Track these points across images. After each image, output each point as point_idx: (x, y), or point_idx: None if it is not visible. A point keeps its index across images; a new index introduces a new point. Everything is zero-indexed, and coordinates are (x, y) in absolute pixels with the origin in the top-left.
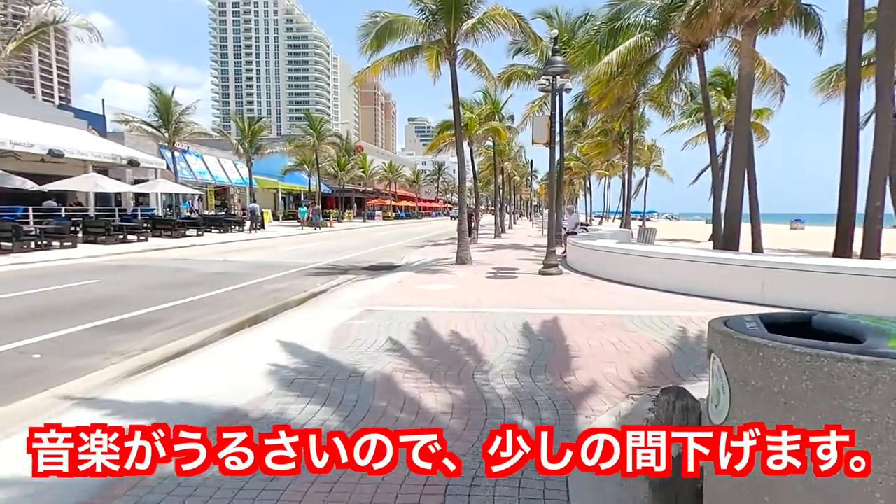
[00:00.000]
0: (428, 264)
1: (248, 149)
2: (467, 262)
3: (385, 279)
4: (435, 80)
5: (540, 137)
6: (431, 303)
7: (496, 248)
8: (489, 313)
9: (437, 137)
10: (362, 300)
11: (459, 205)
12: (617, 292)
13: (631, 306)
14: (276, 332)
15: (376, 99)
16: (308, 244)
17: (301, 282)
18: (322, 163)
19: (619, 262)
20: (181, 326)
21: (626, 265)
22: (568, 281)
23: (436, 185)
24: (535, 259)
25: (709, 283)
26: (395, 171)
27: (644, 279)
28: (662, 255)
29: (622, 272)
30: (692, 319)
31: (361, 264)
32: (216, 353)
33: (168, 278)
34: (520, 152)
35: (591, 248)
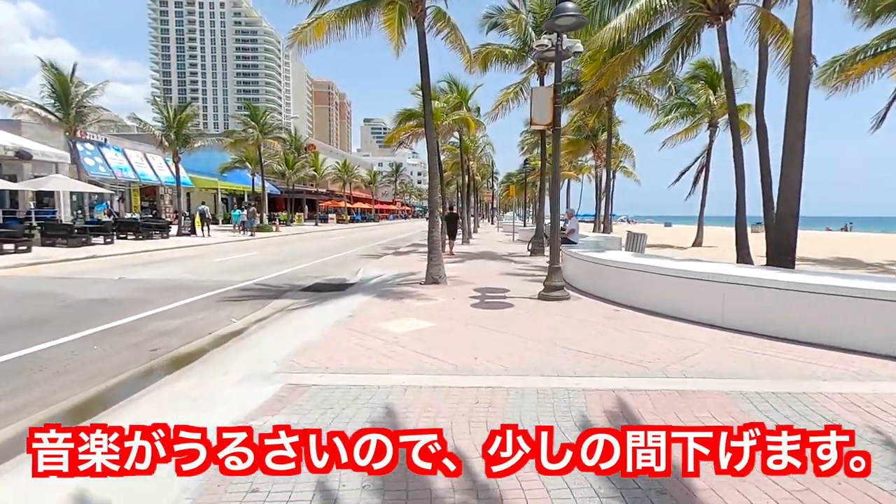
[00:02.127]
0: (390, 283)
1: (174, 141)
2: (440, 281)
3: (331, 310)
4: (398, 51)
5: (541, 117)
6: (399, 361)
7: (467, 257)
8: (501, 392)
9: (397, 128)
10: (289, 357)
11: (430, 205)
12: (668, 333)
13: (720, 368)
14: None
15: (331, 98)
16: (244, 253)
17: (210, 315)
18: (268, 160)
19: (651, 284)
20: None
21: (661, 289)
22: (584, 311)
23: (393, 187)
24: (520, 273)
25: (807, 322)
26: (349, 171)
27: (691, 310)
28: (726, 278)
29: (653, 298)
30: (857, 402)
31: (304, 282)
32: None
33: (7, 311)
34: (485, 150)
35: (605, 265)
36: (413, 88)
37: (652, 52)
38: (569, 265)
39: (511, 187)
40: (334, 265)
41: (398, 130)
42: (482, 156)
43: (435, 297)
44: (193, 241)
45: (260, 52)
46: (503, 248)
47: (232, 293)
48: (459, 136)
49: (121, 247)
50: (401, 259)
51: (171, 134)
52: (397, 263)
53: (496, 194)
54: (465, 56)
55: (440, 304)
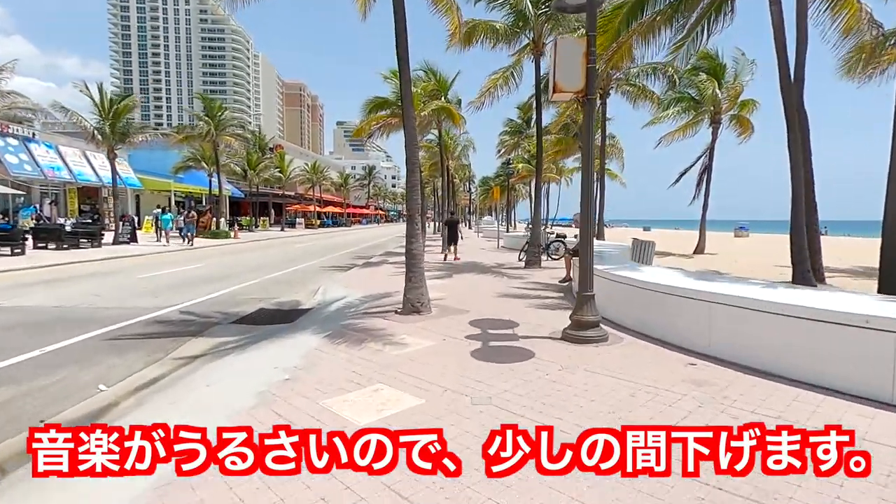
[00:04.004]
0: (354, 313)
1: (108, 135)
2: (422, 310)
3: (262, 364)
4: (365, 13)
5: (569, 79)
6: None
7: (452, 269)
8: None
9: (367, 119)
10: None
11: (409, 208)
12: (819, 417)
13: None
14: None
15: (302, 100)
16: (184, 266)
17: (74, 375)
18: (226, 160)
19: (751, 323)
20: None
21: (773, 333)
22: (643, 366)
23: (366, 191)
24: (522, 293)
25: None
26: (319, 173)
27: (840, 374)
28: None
29: (751, 344)
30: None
31: (243, 308)
32: None
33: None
34: (465, 151)
35: (656, 291)
36: (384, 73)
37: (676, 23)
38: (600, 285)
39: (496, 188)
40: (289, 282)
41: (367, 121)
42: (461, 156)
43: (417, 337)
44: (129, 250)
45: (227, 51)
46: (490, 257)
47: (135, 329)
48: (439, 133)
49: (34, 259)
50: (372, 273)
51: (106, 127)
52: (367, 279)
53: (473, 198)
54: (452, 19)
55: (426, 353)
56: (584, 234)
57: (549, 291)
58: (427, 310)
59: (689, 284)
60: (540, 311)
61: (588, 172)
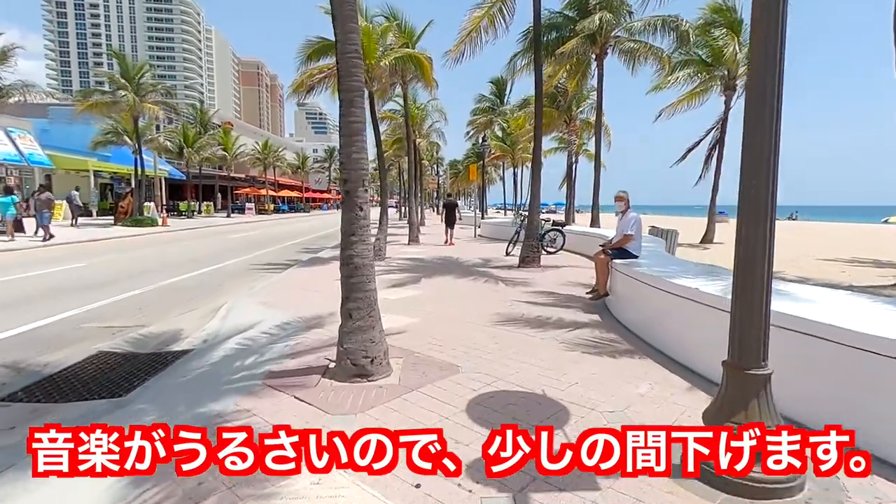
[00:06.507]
0: (248, 374)
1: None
2: (375, 372)
3: None
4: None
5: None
6: None
7: (422, 267)
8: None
9: (307, 70)
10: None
11: (347, 182)
12: None
13: None
14: None
15: (260, 79)
16: (59, 266)
17: None
18: (158, 133)
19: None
20: None
21: None
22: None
23: (327, 174)
24: (536, 317)
25: None
26: (271, 153)
27: None
28: None
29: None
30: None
31: (67, 351)
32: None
33: None
34: (434, 126)
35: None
36: (326, 7)
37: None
38: (637, 304)
39: (472, 167)
40: (191, 291)
41: (308, 73)
42: (430, 132)
43: (356, 481)
44: (7, 244)
45: (176, 24)
46: (469, 249)
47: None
48: (404, 98)
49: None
50: (312, 276)
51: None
52: (302, 288)
53: (442, 182)
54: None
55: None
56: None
57: (575, 311)
58: (382, 369)
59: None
60: (593, 365)
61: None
